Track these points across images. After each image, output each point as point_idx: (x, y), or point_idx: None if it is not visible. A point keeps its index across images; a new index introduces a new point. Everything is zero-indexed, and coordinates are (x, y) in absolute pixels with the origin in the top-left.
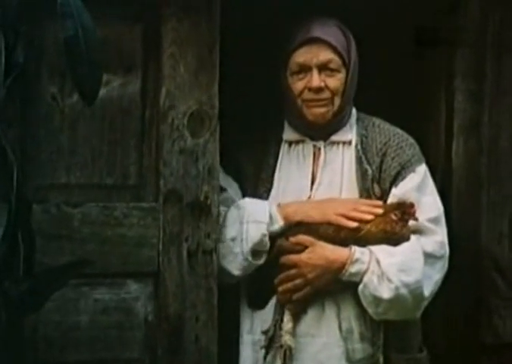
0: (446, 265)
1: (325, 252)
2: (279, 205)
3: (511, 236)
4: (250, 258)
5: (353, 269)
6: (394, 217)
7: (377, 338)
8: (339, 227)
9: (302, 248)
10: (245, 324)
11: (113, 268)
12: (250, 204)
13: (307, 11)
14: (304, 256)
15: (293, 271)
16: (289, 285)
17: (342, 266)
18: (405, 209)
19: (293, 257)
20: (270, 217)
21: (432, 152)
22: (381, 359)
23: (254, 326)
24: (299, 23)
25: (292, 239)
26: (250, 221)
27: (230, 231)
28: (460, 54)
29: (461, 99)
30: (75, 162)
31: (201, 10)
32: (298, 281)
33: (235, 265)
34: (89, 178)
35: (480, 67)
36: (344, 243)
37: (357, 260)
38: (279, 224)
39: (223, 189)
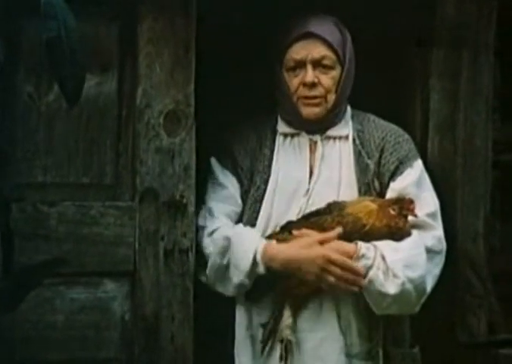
0: (443, 260)
1: (331, 246)
2: (266, 247)
3: (486, 236)
4: (245, 282)
5: (359, 265)
6: (392, 212)
7: (376, 333)
8: (344, 222)
9: None
10: (242, 319)
11: (89, 267)
12: (236, 244)
13: (299, 10)
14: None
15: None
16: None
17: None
18: (403, 205)
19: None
20: (254, 261)
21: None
22: (380, 353)
23: (252, 321)
24: (296, 19)
25: (296, 232)
26: (232, 265)
27: (217, 259)
28: (436, 54)
29: (437, 99)
30: (51, 161)
31: (176, 9)
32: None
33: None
34: (65, 177)
35: (456, 66)
36: (348, 237)
37: (363, 255)
38: (260, 269)
39: (222, 186)
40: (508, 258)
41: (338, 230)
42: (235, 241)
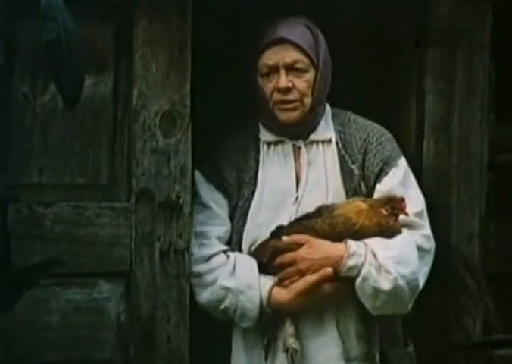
0: (432, 259)
1: (322, 247)
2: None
3: (481, 236)
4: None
5: (351, 262)
6: (384, 212)
7: (373, 335)
8: (335, 222)
9: (298, 247)
10: (238, 331)
11: (84, 268)
12: (238, 293)
13: (298, 10)
14: (301, 252)
15: (291, 269)
16: (287, 282)
17: (340, 260)
18: (395, 204)
19: (290, 255)
20: (261, 308)
21: (402, 153)
22: (377, 356)
23: (247, 332)
24: (266, 24)
25: (286, 238)
26: (238, 314)
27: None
28: (431, 55)
29: (432, 100)
30: (47, 162)
31: (172, 10)
32: (296, 278)
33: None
34: (61, 178)
35: (451, 67)
36: (340, 237)
37: (354, 253)
38: (267, 311)
39: (207, 207)
40: (503, 258)
41: (329, 270)
42: (238, 290)
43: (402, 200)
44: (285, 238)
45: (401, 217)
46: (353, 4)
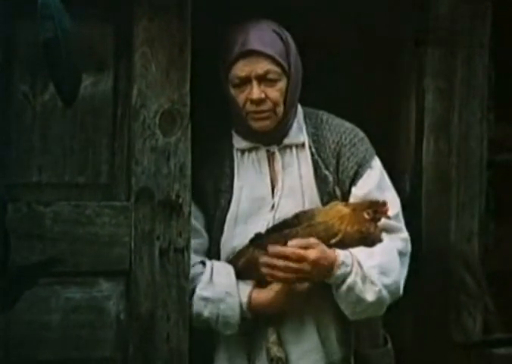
0: (408, 261)
1: (325, 254)
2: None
3: (481, 235)
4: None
5: (339, 272)
6: (366, 216)
7: (350, 338)
8: (315, 231)
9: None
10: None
11: (84, 267)
12: (218, 302)
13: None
14: (313, 254)
15: (296, 265)
16: (289, 276)
17: (331, 269)
18: (377, 208)
19: (301, 252)
20: (242, 314)
21: (401, 152)
22: (352, 358)
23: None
24: (234, 32)
25: (293, 243)
26: (220, 322)
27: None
28: (431, 54)
29: (431, 99)
30: (46, 161)
31: (172, 9)
32: (298, 275)
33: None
34: (61, 177)
35: (450, 67)
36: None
37: (342, 263)
38: (248, 316)
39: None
40: (503, 257)
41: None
42: (217, 298)
43: (384, 204)
44: (292, 243)
45: (381, 221)
46: (353, 4)
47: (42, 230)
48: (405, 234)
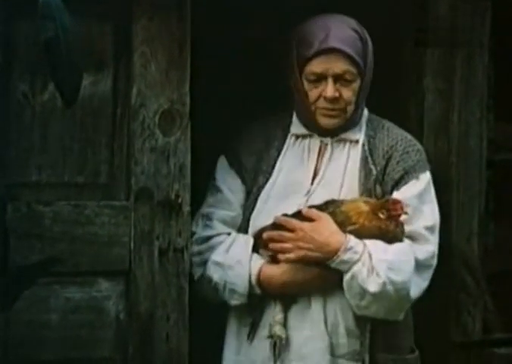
0: (431, 276)
1: (326, 230)
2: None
3: (481, 235)
4: (243, 302)
5: (345, 257)
6: (382, 216)
7: (364, 336)
8: (335, 219)
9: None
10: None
11: (84, 267)
12: (228, 269)
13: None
14: (306, 225)
15: (288, 234)
16: (278, 246)
17: (335, 251)
18: (389, 207)
19: (295, 222)
20: (250, 286)
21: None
22: (367, 358)
23: (241, 318)
24: (314, 26)
25: (304, 210)
26: (227, 289)
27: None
28: (430, 54)
29: (431, 99)
30: (46, 160)
31: (171, 8)
32: (288, 245)
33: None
34: (60, 176)
35: (450, 66)
36: None
37: (350, 248)
38: (257, 291)
39: (218, 190)
40: (502, 257)
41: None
42: (228, 265)
43: (395, 202)
44: (305, 210)
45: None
46: (353, 4)
47: (42, 230)
48: (433, 248)
